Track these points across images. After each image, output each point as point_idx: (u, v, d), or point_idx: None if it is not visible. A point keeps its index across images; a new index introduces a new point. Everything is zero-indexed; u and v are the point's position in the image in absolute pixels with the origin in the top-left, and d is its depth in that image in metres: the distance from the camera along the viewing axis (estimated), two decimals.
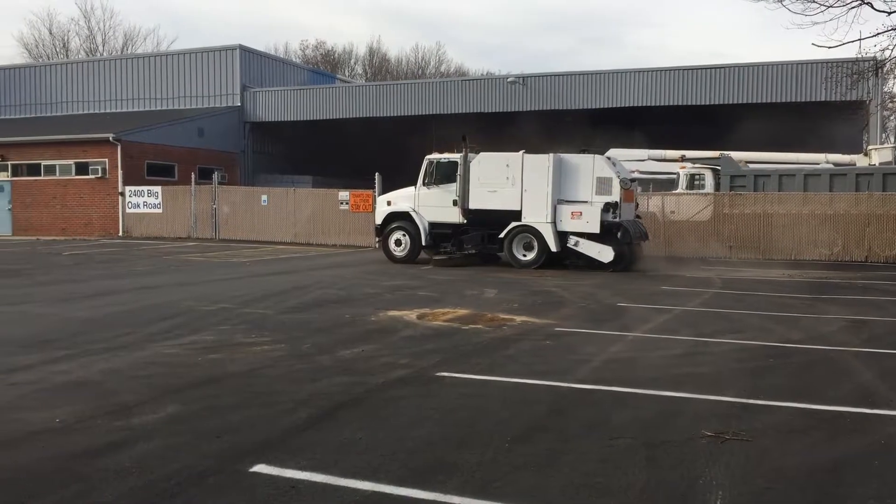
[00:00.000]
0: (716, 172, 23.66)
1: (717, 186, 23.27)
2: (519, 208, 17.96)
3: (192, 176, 28.67)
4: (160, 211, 28.75)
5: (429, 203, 19.05)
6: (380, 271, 17.00)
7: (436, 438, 5.33)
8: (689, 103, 28.70)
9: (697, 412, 6.05)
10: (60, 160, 30.52)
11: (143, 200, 28.95)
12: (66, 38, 59.94)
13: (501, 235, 18.11)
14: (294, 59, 58.50)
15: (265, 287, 14.06)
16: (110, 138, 29.22)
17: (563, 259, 18.09)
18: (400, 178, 21.78)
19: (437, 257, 19.22)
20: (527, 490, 4.47)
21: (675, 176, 24.41)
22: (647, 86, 29.18)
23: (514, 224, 18.03)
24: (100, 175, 29.51)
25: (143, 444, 5.08)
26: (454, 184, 18.52)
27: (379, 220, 19.92)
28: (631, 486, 4.53)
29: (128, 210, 29.21)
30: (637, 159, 26.29)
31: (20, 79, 38.92)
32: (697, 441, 5.33)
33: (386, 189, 22.54)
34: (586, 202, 17.59)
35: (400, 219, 19.42)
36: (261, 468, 4.69)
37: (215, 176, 28.80)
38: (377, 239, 20.40)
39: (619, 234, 17.40)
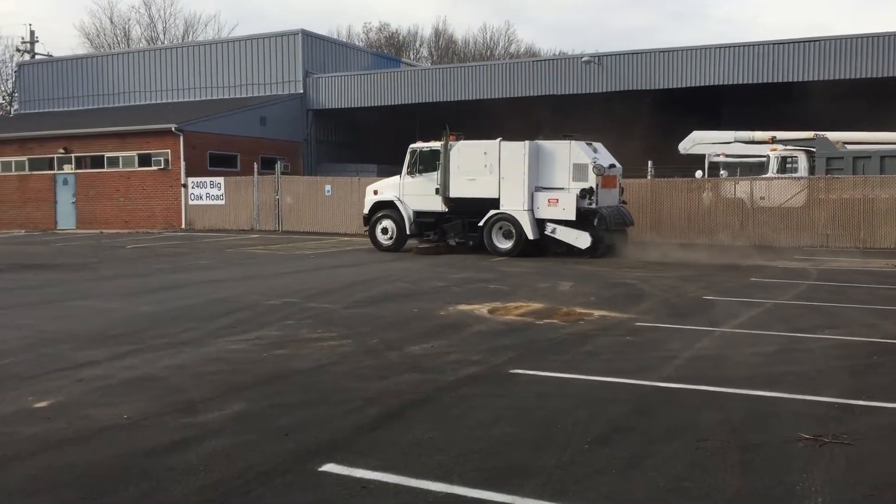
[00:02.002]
0: (810, 154, 23.00)
1: (812, 170, 22.62)
2: (497, 196, 18.69)
3: (255, 166, 29.24)
4: (223, 203, 29.43)
5: (413, 192, 19.91)
6: (448, 263, 17.06)
7: (511, 439, 5.32)
8: (780, 80, 27.89)
9: (793, 413, 5.90)
10: (123, 152, 31.52)
11: (206, 192, 29.67)
12: (126, 26, 61.93)
13: (480, 223, 18.86)
14: (357, 43, 59.08)
15: (330, 280, 14.27)
16: (172, 129, 30.02)
17: (545, 247, 18.63)
18: None
19: (421, 245, 20.04)
20: (608, 494, 4.42)
21: (764, 159, 23.82)
22: (734, 62, 28.45)
23: (492, 212, 18.76)
24: (162, 166, 30.36)
25: (210, 442, 5.21)
26: (436, 172, 19.33)
27: (366, 208, 20.86)
28: (722, 491, 4.45)
29: (190, 202, 29.99)
30: (722, 142, 25.73)
31: (82, 69, 40.28)
32: (794, 444, 5.19)
33: None
34: (563, 189, 18.22)
35: (386, 207, 20.36)
36: (330, 468, 4.76)
37: (278, 166, 29.28)
38: (365, 227, 21.23)
39: (595, 221, 17.97)
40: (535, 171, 18.45)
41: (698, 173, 23.92)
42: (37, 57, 49.58)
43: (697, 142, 26.10)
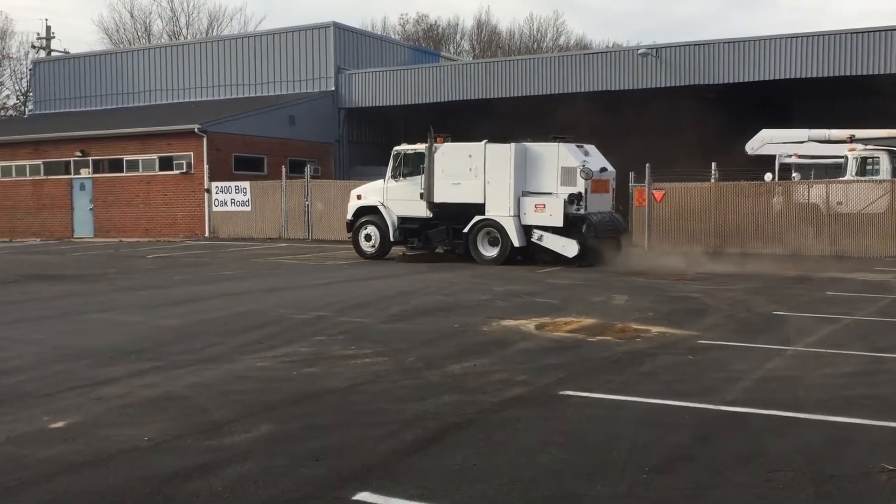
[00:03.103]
0: (893, 155, 22.61)
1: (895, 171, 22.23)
2: (482, 201, 19.24)
3: (283, 170, 29.51)
4: (249, 209, 29.77)
5: (397, 196, 20.53)
6: (491, 275, 17.06)
7: (560, 466, 5.31)
8: (858, 73, 27.46)
9: (874, 441, 5.80)
10: (144, 154, 32.06)
11: (231, 197, 30.03)
12: (147, 21, 63.19)
13: (465, 230, 19.38)
14: (393, 36, 59.52)
15: (364, 293, 14.35)
16: (195, 130, 30.46)
17: (532, 254, 19.13)
18: None
19: (409, 253, 20.74)
20: None
21: (841, 160, 23.46)
22: (807, 54, 28.11)
23: (477, 218, 19.29)
24: (184, 170, 30.80)
25: (235, 467, 5.27)
26: (421, 176, 19.87)
27: (350, 214, 21.55)
28: None
29: (214, 208, 30.38)
30: (795, 141, 25.42)
31: (100, 67, 41.08)
32: (875, 476, 5.10)
33: None
34: (551, 194, 18.72)
35: (369, 213, 21.00)
36: (364, 496, 4.79)
37: (308, 169, 29.54)
38: (349, 234, 21.79)
39: (583, 228, 18.44)
40: (521, 175, 18.98)
41: (768, 176, 23.63)
42: (53, 54, 50.76)
43: (766, 141, 25.80)
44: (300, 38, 36.26)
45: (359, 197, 21.52)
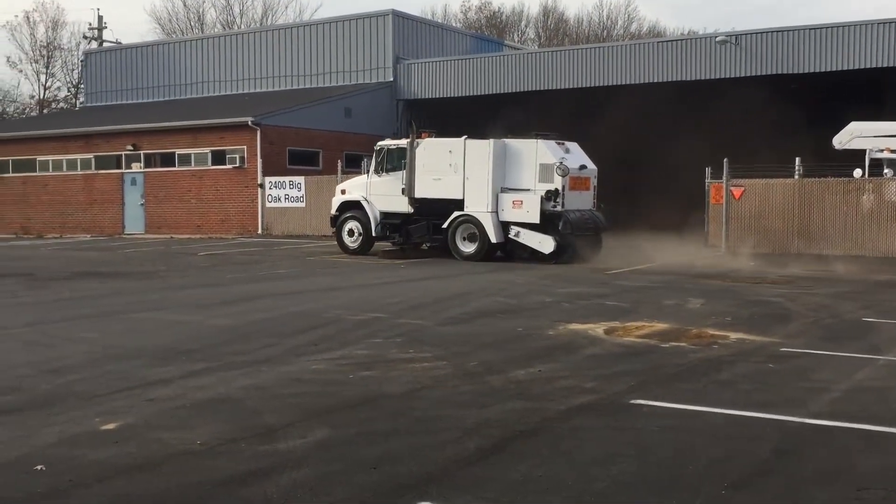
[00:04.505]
0: None
1: None
2: (461, 197, 20.28)
3: (339, 164, 29.72)
4: (303, 205, 30.10)
5: (380, 192, 21.61)
6: (555, 276, 17.01)
7: (631, 480, 5.27)
8: None
9: None
10: (195, 148, 32.63)
11: (285, 193, 30.41)
12: (200, 10, 64.15)
13: (444, 225, 20.44)
14: (454, 24, 59.64)
15: (422, 293, 14.42)
16: (249, 122, 30.90)
17: (510, 251, 20.15)
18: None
19: (393, 248, 21.77)
20: None
21: None
22: None
23: (456, 213, 20.34)
24: (237, 164, 31.27)
25: (290, 473, 5.33)
26: (403, 171, 20.96)
27: (333, 209, 22.73)
28: None
29: (268, 204, 30.79)
30: (888, 134, 24.77)
31: (152, 57, 41.90)
32: None
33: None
34: (529, 190, 19.66)
35: (353, 208, 22.15)
36: None
37: (365, 163, 29.69)
38: (332, 229, 22.82)
39: (560, 225, 19.27)
40: (500, 172, 19.95)
41: (857, 172, 23.09)
42: (105, 44, 51.92)
43: (856, 135, 25.17)
44: (357, 27, 36.52)
45: (343, 192, 22.70)
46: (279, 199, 30.59)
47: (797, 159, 22.84)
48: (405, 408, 6.93)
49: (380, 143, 22.26)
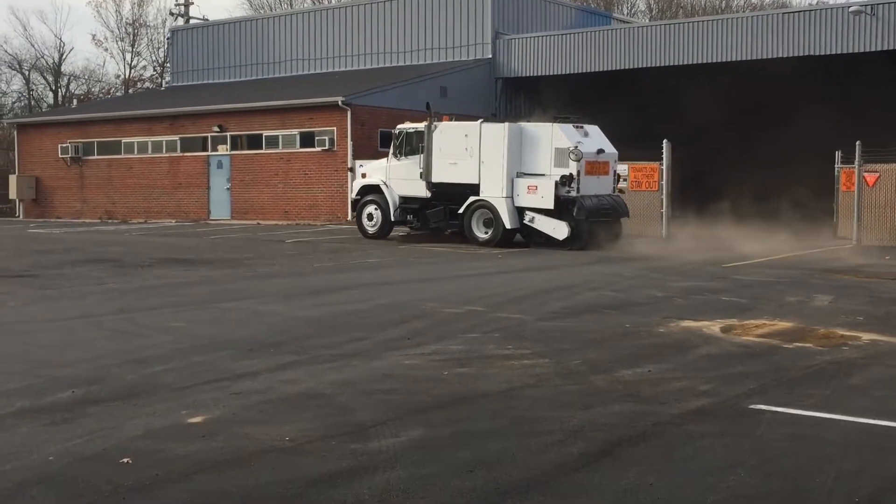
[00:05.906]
0: None
1: None
2: (477, 182, 21.00)
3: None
4: None
5: (399, 176, 22.45)
6: (666, 269, 16.81)
7: (751, 491, 5.18)
8: None
9: None
10: (283, 130, 33.16)
11: None
12: None
13: (461, 210, 21.21)
14: None
15: (522, 285, 14.42)
16: (339, 102, 31.24)
17: (527, 237, 20.96)
18: (686, 146, 21.47)
19: (413, 233, 22.76)
20: None
21: None
22: None
23: (472, 198, 21.09)
24: (326, 147, 31.66)
25: (382, 474, 5.39)
26: (421, 155, 21.67)
27: (354, 192, 23.92)
28: None
29: None
30: None
31: (240, 34, 42.72)
32: None
33: (680, 161, 23.26)
34: (544, 175, 20.27)
35: (373, 192, 23.05)
36: None
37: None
38: (353, 213, 23.75)
39: (574, 211, 19.77)
40: (516, 156, 20.59)
41: None
42: (191, 21, 53.19)
43: None
44: (454, 1, 36.54)
45: (364, 175, 23.52)
46: None
47: None
48: (504, 407, 6.94)
49: (399, 126, 23.01)
